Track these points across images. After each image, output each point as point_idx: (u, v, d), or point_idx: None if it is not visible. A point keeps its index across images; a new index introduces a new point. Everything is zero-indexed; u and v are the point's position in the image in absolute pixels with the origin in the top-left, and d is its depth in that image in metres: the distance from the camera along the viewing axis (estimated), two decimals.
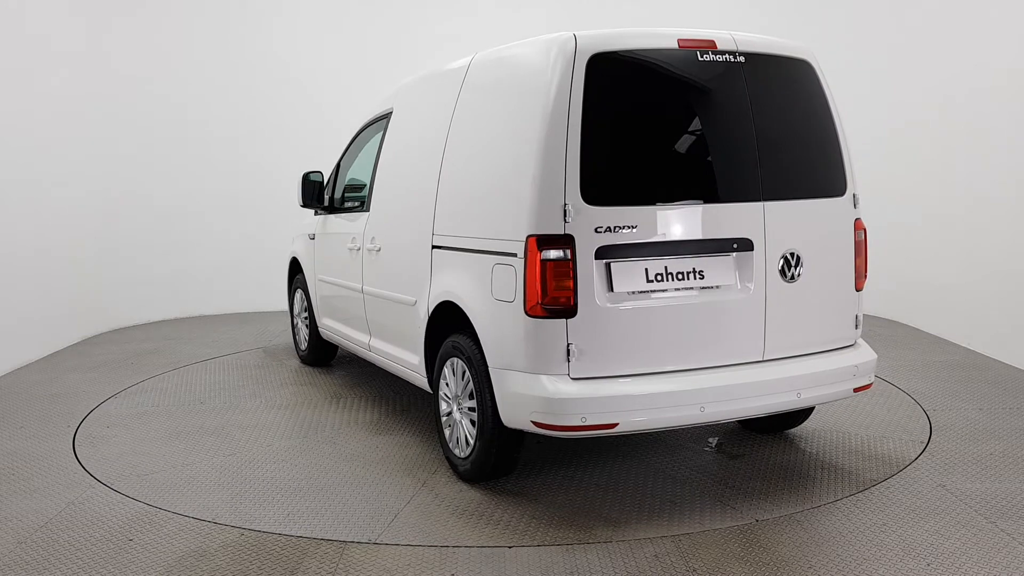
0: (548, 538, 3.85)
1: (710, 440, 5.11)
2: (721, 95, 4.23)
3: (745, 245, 4.15)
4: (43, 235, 7.90)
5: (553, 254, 3.84)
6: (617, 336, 3.94)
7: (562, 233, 3.85)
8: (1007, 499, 4.19)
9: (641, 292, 3.98)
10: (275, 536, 3.92)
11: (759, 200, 4.18)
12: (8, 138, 7.38)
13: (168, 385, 6.81)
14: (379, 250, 5.51)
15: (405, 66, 8.17)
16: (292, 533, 3.94)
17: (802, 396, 4.22)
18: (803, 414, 5.10)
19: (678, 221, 4.06)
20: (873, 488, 4.36)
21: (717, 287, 4.11)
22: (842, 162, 4.52)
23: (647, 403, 3.91)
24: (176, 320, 9.78)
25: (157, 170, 9.63)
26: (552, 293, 3.85)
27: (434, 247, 4.75)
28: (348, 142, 6.66)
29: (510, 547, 3.76)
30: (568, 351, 3.89)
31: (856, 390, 4.45)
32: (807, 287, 4.29)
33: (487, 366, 4.18)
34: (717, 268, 4.12)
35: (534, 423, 3.93)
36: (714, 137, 4.23)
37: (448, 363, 4.59)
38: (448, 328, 4.60)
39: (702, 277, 4.08)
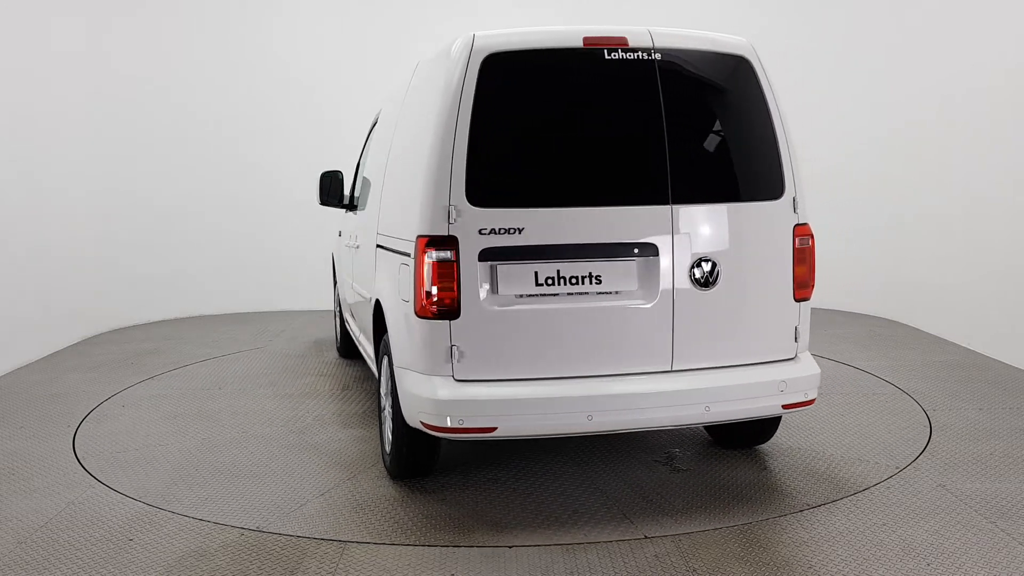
0: (444, 539, 3.85)
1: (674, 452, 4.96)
2: (627, 94, 4.07)
3: (649, 250, 3.98)
4: (43, 235, 7.91)
5: (437, 255, 3.84)
6: (502, 339, 3.91)
7: (446, 234, 3.83)
8: (1007, 499, 4.19)
9: (530, 295, 3.91)
10: (275, 536, 3.92)
11: (667, 204, 3.98)
12: (8, 138, 7.38)
13: (206, 370, 7.19)
14: (357, 247, 5.68)
15: (405, 66, 8.17)
16: (292, 533, 3.94)
17: (711, 410, 3.98)
18: (766, 430, 4.82)
19: (570, 224, 3.92)
20: (873, 488, 4.36)
21: (616, 293, 3.97)
22: (779, 164, 4.21)
23: (527, 408, 3.84)
24: (176, 320, 9.77)
25: (157, 170, 9.63)
26: (437, 294, 3.85)
27: (377, 246, 4.84)
28: (364, 139, 6.76)
29: (510, 547, 3.76)
30: (452, 353, 3.88)
31: (786, 407, 4.14)
32: (726, 296, 4.06)
33: (395, 365, 4.24)
34: (616, 273, 3.97)
35: (422, 423, 3.96)
36: (615, 138, 4.09)
37: (383, 360, 4.64)
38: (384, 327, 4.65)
39: (599, 282, 3.95)
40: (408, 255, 4.01)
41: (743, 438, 4.89)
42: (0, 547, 3.84)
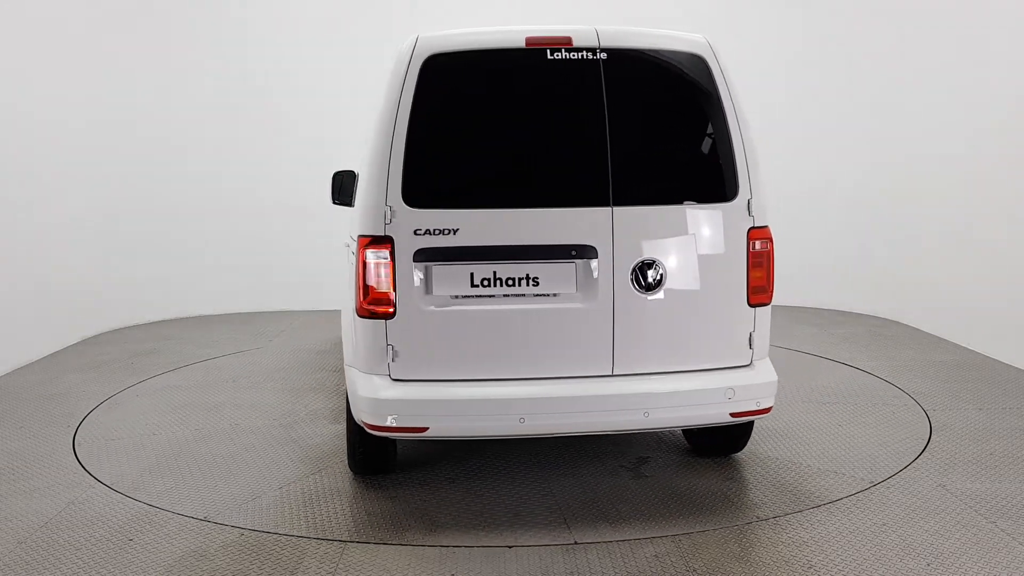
0: (401, 538, 3.89)
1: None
2: (569, 95, 4.05)
3: (587, 252, 3.93)
4: (43, 235, 7.90)
5: (373, 255, 3.89)
6: (437, 340, 3.93)
7: (382, 234, 3.87)
8: (1007, 499, 4.19)
9: (466, 296, 3.92)
10: (275, 536, 3.92)
11: (606, 205, 3.93)
12: (9, 139, 7.38)
13: (229, 364, 7.41)
14: (347, 245, 5.74)
15: None
16: (292, 533, 3.94)
17: (650, 416, 3.92)
18: (736, 439, 4.71)
19: (506, 225, 3.91)
20: (873, 488, 4.36)
21: (554, 295, 3.95)
22: (733, 165, 4.07)
23: (458, 409, 3.85)
24: (176, 320, 9.77)
25: (157, 170, 9.61)
26: (373, 294, 3.88)
27: (345, 245, 4.93)
28: None
29: (510, 547, 3.77)
30: (388, 352, 3.91)
31: (735, 415, 4.03)
32: (671, 300, 4.00)
33: (344, 363, 4.30)
34: (554, 275, 3.94)
35: (362, 421, 4.00)
36: (555, 139, 4.06)
37: None
38: None
39: (536, 284, 3.92)
40: (354, 254, 4.07)
41: (715, 446, 4.79)
42: (0, 547, 3.84)
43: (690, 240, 4.04)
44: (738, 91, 4.13)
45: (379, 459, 4.50)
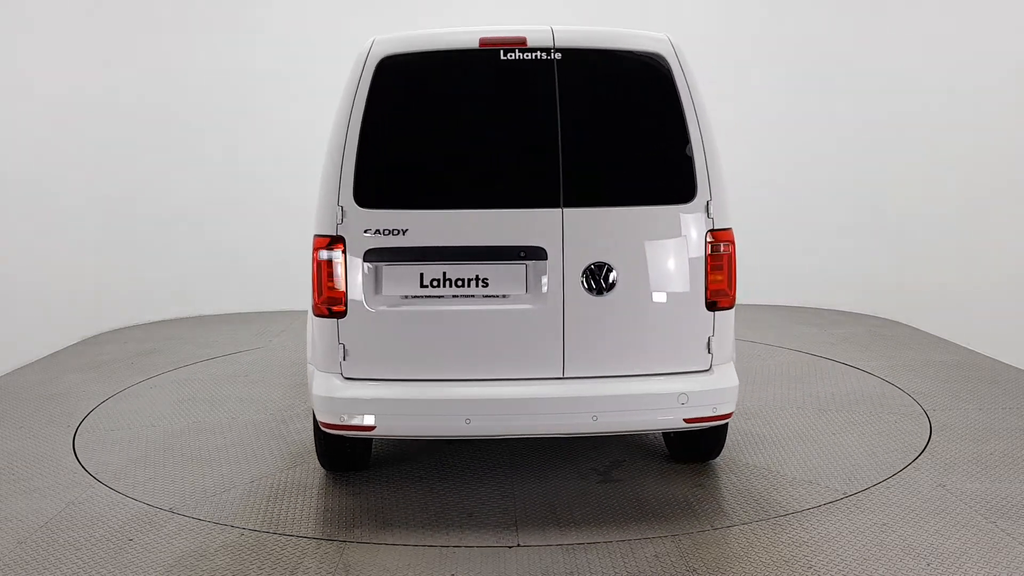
0: (327, 532, 3.96)
1: None
2: (522, 95, 4.03)
3: (537, 254, 3.91)
4: (43, 235, 7.90)
5: (326, 255, 3.93)
6: (387, 339, 3.96)
7: (334, 234, 3.92)
8: (1007, 499, 4.19)
9: (416, 296, 3.94)
10: (275, 536, 3.92)
11: (556, 207, 3.90)
12: (9, 139, 7.38)
13: (245, 359, 7.52)
14: None
15: None
16: (292, 533, 3.94)
17: (599, 421, 3.88)
18: (708, 445, 4.63)
19: (456, 226, 3.93)
20: (873, 488, 4.36)
21: (504, 296, 3.94)
22: (691, 167, 3.98)
23: (404, 409, 3.88)
24: (176, 320, 9.77)
25: (157, 171, 9.61)
26: (326, 293, 3.94)
27: None
28: None
29: (510, 547, 3.77)
30: (340, 351, 3.96)
31: (690, 421, 3.95)
32: (623, 303, 3.94)
33: (307, 360, 4.33)
34: (503, 276, 3.93)
35: (317, 418, 4.06)
36: (507, 140, 4.06)
37: None
38: None
39: (486, 285, 3.92)
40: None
41: (690, 453, 4.71)
42: (0, 547, 3.84)
43: (644, 242, 3.98)
44: (702, 91, 4.05)
45: (346, 456, 4.57)
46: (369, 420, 3.89)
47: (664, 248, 3.99)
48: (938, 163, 8.06)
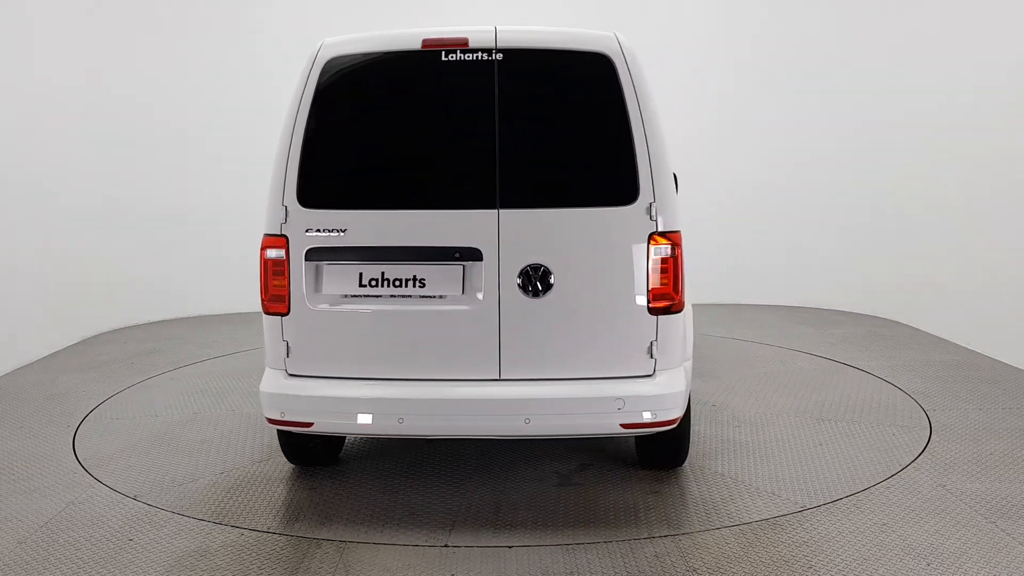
0: (274, 526, 4.01)
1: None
2: (462, 96, 4.02)
3: (472, 255, 3.89)
4: (43, 235, 7.90)
5: (272, 253, 4.01)
6: (326, 337, 4.02)
7: (278, 233, 4.00)
8: (1007, 499, 4.19)
9: (355, 296, 3.97)
10: (275, 536, 3.92)
11: (493, 208, 3.89)
12: (9, 139, 7.38)
13: (260, 356, 7.72)
14: None
15: None
16: (292, 533, 3.94)
17: (532, 423, 3.83)
18: (672, 452, 4.53)
19: (394, 226, 3.95)
20: (873, 488, 4.36)
21: (441, 297, 3.94)
22: (633, 168, 3.88)
23: (338, 407, 3.93)
24: (176, 320, 9.77)
25: (157, 170, 9.61)
26: (271, 291, 4.03)
27: None
28: None
29: (510, 547, 3.77)
30: (284, 348, 4.04)
31: (627, 427, 3.86)
32: (560, 305, 3.89)
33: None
34: (440, 277, 3.93)
35: (264, 413, 4.13)
36: (446, 141, 4.06)
37: None
38: None
39: (423, 285, 3.93)
40: None
41: (654, 459, 4.60)
42: (0, 547, 3.84)
43: (582, 244, 3.92)
44: (651, 91, 3.96)
45: (308, 450, 4.63)
46: (307, 417, 3.98)
47: (603, 251, 3.93)
48: (938, 163, 8.06)
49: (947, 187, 7.93)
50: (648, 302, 3.91)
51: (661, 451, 4.53)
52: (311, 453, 4.67)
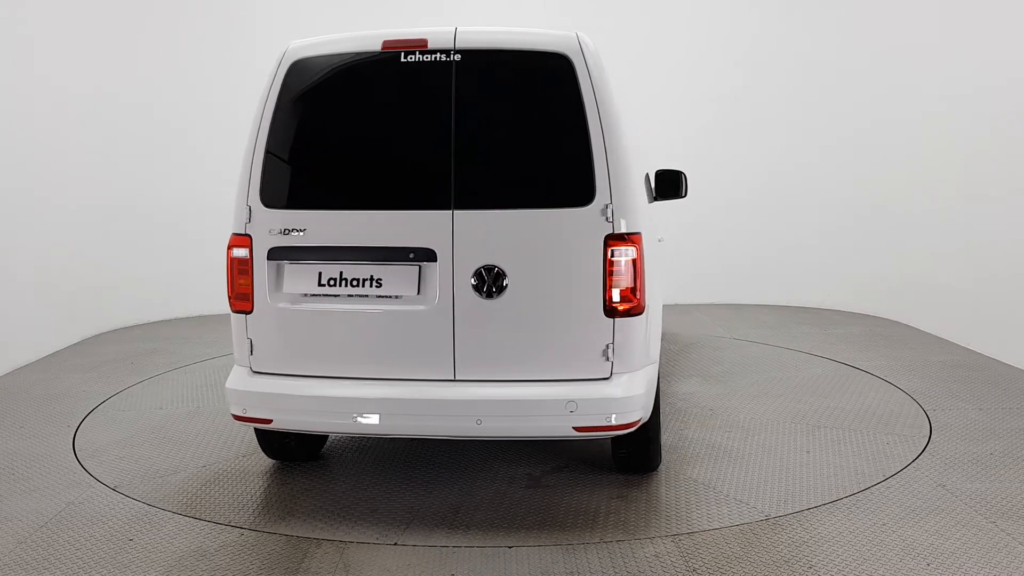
0: (239, 520, 4.07)
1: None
2: (420, 97, 4.03)
3: (427, 255, 3.90)
4: (43, 235, 7.90)
5: (237, 252, 4.13)
6: (287, 335, 4.09)
7: (243, 232, 4.10)
8: (1007, 499, 4.19)
9: (314, 295, 4.03)
10: (275, 536, 3.92)
11: (447, 209, 3.89)
12: (9, 139, 7.38)
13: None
14: None
15: None
16: (292, 533, 3.95)
17: (483, 425, 3.82)
18: (644, 457, 4.47)
19: (352, 227, 3.99)
20: (873, 488, 4.36)
21: (397, 297, 3.95)
22: (590, 170, 3.85)
23: (297, 404, 3.99)
24: (176, 320, 9.78)
25: (156, 170, 9.62)
26: (237, 289, 4.14)
27: None
28: None
29: (510, 547, 3.77)
30: (248, 345, 4.14)
31: (581, 430, 3.81)
32: (514, 307, 3.88)
33: None
34: (396, 277, 3.95)
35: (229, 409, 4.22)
36: (402, 142, 4.08)
37: None
38: None
39: (380, 285, 3.96)
40: None
41: (627, 463, 4.54)
42: (0, 547, 3.84)
43: (537, 246, 3.88)
44: (612, 91, 3.94)
45: (283, 446, 4.70)
46: (267, 414, 4.04)
47: (558, 252, 3.89)
48: (938, 163, 8.06)
49: (947, 187, 7.94)
50: (604, 304, 3.86)
51: (631, 455, 4.48)
52: (287, 449, 4.73)
